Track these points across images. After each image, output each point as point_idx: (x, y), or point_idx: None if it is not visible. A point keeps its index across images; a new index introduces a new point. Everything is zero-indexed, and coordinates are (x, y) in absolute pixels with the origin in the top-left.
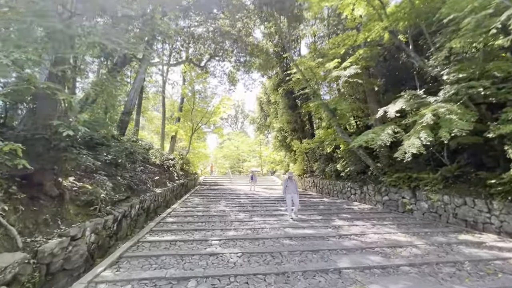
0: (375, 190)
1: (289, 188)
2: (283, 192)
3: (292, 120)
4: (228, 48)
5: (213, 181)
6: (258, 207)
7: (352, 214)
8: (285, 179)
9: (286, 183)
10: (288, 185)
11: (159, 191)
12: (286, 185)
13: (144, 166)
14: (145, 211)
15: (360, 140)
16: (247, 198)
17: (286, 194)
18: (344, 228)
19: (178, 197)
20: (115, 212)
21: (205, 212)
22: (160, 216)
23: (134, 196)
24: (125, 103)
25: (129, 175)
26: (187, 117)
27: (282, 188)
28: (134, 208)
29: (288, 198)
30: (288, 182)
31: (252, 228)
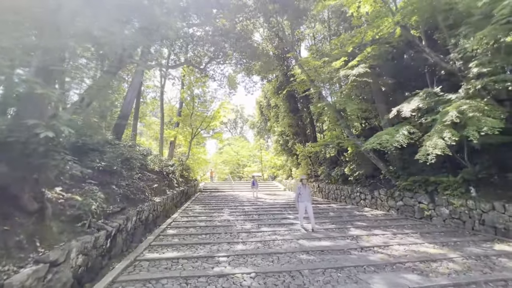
0: (388, 194)
1: (302, 196)
2: (296, 200)
3: (294, 123)
4: (228, 51)
5: (214, 188)
6: (264, 215)
7: (367, 222)
8: (298, 186)
9: (299, 190)
10: (301, 192)
11: (158, 200)
12: (299, 192)
13: (142, 173)
14: (143, 222)
15: (373, 142)
16: (251, 205)
17: (299, 202)
18: (363, 239)
19: (179, 205)
20: (108, 226)
21: (208, 222)
22: (160, 227)
23: (130, 206)
24: (122, 107)
25: (125, 183)
26: (186, 122)
27: (295, 195)
28: (131, 221)
29: (301, 207)
30: (301, 189)
31: (262, 240)
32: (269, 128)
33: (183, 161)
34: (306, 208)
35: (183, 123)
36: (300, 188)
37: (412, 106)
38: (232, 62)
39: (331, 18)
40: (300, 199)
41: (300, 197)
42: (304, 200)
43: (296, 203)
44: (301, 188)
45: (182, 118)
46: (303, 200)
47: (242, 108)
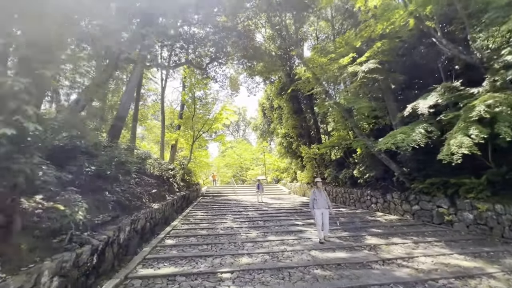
0: (402, 198)
1: (318, 201)
2: (311, 207)
3: (298, 125)
4: (230, 51)
5: (216, 192)
6: (270, 222)
7: (383, 228)
8: (312, 190)
9: (314, 195)
10: (317, 198)
11: (157, 207)
12: (314, 197)
13: (140, 177)
14: (138, 232)
15: (387, 142)
16: (256, 211)
17: (314, 209)
18: (382, 249)
19: (180, 211)
20: (95, 240)
21: (210, 230)
22: (158, 237)
23: (125, 215)
24: (118, 108)
25: (121, 189)
26: (187, 124)
27: (310, 202)
28: (123, 231)
29: (318, 215)
30: (316, 194)
31: (270, 251)
32: (272, 130)
33: (185, 165)
34: (323, 216)
35: (184, 126)
36: (315, 193)
37: (429, 102)
38: (234, 62)
39: (335, 17)
40: (316, 205)
41: (316, 204)
42: (321, 206)
43: (311, 211)
44: (316, 193)
45: (183, 120)
46: (320, 206)
47: (245, 111)
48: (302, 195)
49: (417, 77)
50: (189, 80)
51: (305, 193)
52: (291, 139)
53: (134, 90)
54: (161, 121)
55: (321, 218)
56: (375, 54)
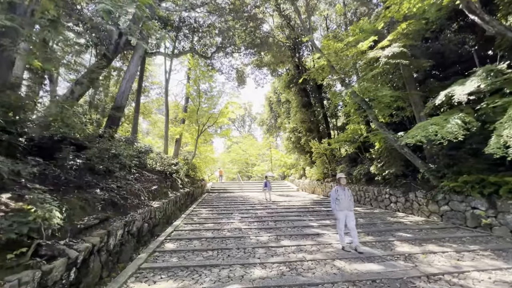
0: (428, 197)
1: (341, 202)
2: (333, 208)
3: (307, 119)
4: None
5: (222, 188)
6: (282, 223)
7: (411, 232)
8: (335, 188)
9: (337, 194)
10: (340, 197)
11: (157, 205)
12: (336, 196)
13: (140, 173)
14: (134, 235)
15: (416, 135)
16: (264, 209)
17: (337, 211)
18: (420, 259)
19: (183, 208)
20: (72, 250)
21: (216, 231)
22: (157, 240)
23: (118, 215)
24: (116, 97)
25: (116, 185)
26: (192, 118)
27: (331, 202)
28: (114, 236)
29: (341, 218)
30: (339, 192)
31: (286, 261)
32: (279, 125)
33: (189, 160)
34: (346, 218)
35: (189, 119)
36: (337, 192)
37: (469, 88)
38: (241, 52)
39: (347, 4)
40: (339, 206)
41: (338, 204)
42: (344, 208)
43: (334, 212)
44: (338, 191)
45: (188, 114)
46: (343, 207)
47: (250, 106)
48: (311, 193)
49: (441, 65)
50: (194, 72)
51: (315, 191)
52: (300, 134)
53: (133, 78)
54: (165, 114)
55: (345, 221)
56: (398, 37)
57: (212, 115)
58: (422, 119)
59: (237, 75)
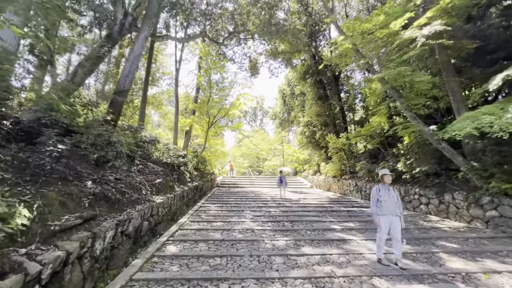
0: (470, 200)
1: (384, 204)
2: (373, 212)
3: (323, 112)
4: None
5: (232, 183)
6: (299, 224)
7: (456, 242)
8: (375, 188)
9: (378, 194)
10: (383, 199)
11: (160, 200)
12: (377, 197)
13: (144, 164)
14: (130, 236)
15: (464, 126)
16: (278, 207)
17: (378, 216)
18: (483, 281)
19: (191, 204)
20: (33, 263)
21: (225, 232)
22: (158, 241)
23: (112, 213)
24: (119, 80)
25: (114, 177)
26: (203, 109)
27: (372, 203)
28: (102, 239)
29: (384, 224)
30: (381, 193)
31: (312, 276)
32: (292, 119)
33: (199, 153)
34: (391, 225)
35: (199, 111)
36: (379, 191)
37: None
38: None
39: None
40: (381, 210)
41: (381, 207)
42: (388, 212)
43: (374, 217)
44: (381, 191)
45: (198, 105)
46: (386, 211)
47: (262, 99)
48: (326, 190)
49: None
50: (205, 61)
51: (330, 188)
52: (314, 128)
53: (138, 60)
54: (175, 105)
55: (388, 228)
56: (439, 15)
57: (223, 107)
58: (462, 110)
59: (250, 64)
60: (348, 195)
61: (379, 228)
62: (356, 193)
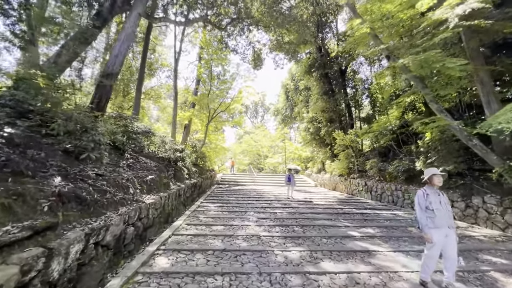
0: (504, 205)
1: (437, 214)
2: (422, 223)
3: (328, 108)
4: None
5: (233, 180)
6: (311, 228)
7: (501, 256)
8: (421, 192)
9: (426, 200)
10: (435, 206)
11: (152, 200)
12: (426, 204)
13: (135, 158)
14: (109, 247)
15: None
16: (284, 208)
17: (430, 229)
18: None
19: (189, 203)
20: None
21: (227, 239)
22: (146, 251)
23: (85, 217)
24: (107, 62)
25: (95, 173)
26: (203, 102)
27: (418, 213)
28: (61, 258)
29: (438, 239)
30: (431, 198)
31: None
32: (295, 115)
33: (198, 148)
34: (446, 241)
35: (199, 104)
36: (427, 197)
37: None
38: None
39: None
40: (434, 221)
41: (433, 218)
42: (442, 224)
43: (425, 231)
44: (430, 196)
45: (198, 98)
46: (440, 223)
47: (264, 96)
48: (332, 189)
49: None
50: (206, 51)
51: (336, 187)
52: (319, 125)
53: (130, 40)
54: (174, 98)
55: (441, 243)
56: None
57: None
58: (492, 103)
59: (253, 55)
60: (356, 195)
61: (429, 246)
62: (366, 193)
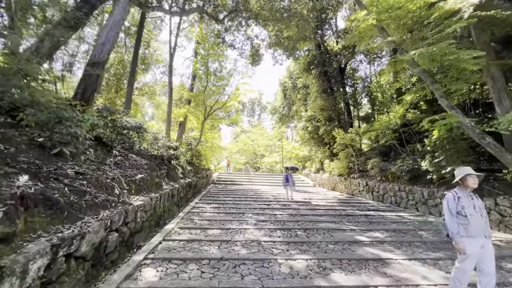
0: None
1: (471, 220)
2: (453, 231)
3: (328, 106)
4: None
5: (230, 179)
6: (315, 232)
7: None
8: (451, 195)
9: (459, 205)
10: (468, 211)
11: (141, 202)
12: (458, 209)
13: (124, 156)
14: (85, 259)
15: None
16: (284, 209)
17: (462, 238)
18: None
19: (183, 203)
20: None
21: (224, 245)
22: (132, 261)
23: (55, 224)
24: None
25: (75, 171)
26: (199, 98)
27: (447, 219)
28: (15, 278)
29: (472, 251)
30: (463, 202)
31: None
32: (293, 114)
33: (193, 146)
34: (483, 253)
35: (195, 101)
36: (458, 200)
37: None
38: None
39: None
40: (466, 229)
41: (467, 225)
42: (477, 233)
43: (456, 240)
44: (462, 199)
45: (194, 94)
46: (475, 232)
47: (261, 94)
48: (331, 189)
49: None
50: (202, 46)
51: (336, 187)
52: (318, 123)
53: (119, 27)
54: (168, 93)
55: (476, 259)
56: None
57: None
58: (504, 100)
59: (251, 51)
60: (357, 196)
61: (461, 258)
62: (367, 193)
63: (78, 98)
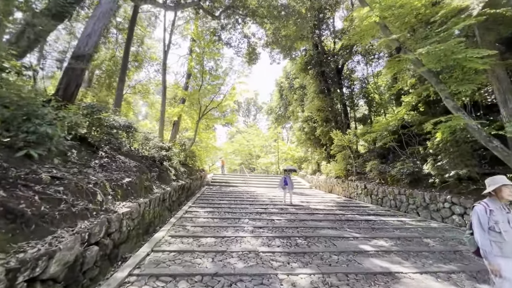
0: None
1: (506, 238)
2: (486, 252)
3: (325, 107)
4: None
5: (224, 181)
6: (316, 241)
7: None
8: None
9: (492, 219)
10: (502, 226)
11: (127, 209)
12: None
13: (111, 157)
14: (57, 280)
15: None
16: (281, 214)
17: (496, 257)
18: None
19: (175, 207)
20: None
21: (218, 257)
22: (114, 278)
23: (18, 241)
24: (78, 42)
25: (51, 175)
26: (193, 97)
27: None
28: None
29: (509, 271)
30: (496, 216)
31: None
32: (290, 114)
33: (187, 146)
34: None
35: (189, 100)
36: (491, 213)
37: None
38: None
39: None
40: (500, 247)
41: (501, 243)
42: None
43: (489, 259)
44: (495, 212)
45: (188, 93)
46: (510, 253)
47: (257, 95)
48: (328, 192)
49: None
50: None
51: (333, 190)
52: (315, 124)
53: (106, 18)
54: (162, 93)
55: None
56: None
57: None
58: (509, 102)
59: (248, 49)
60: (355, 199)
61: (499, 280)
62: (365, 196)
63: (60, 94)
